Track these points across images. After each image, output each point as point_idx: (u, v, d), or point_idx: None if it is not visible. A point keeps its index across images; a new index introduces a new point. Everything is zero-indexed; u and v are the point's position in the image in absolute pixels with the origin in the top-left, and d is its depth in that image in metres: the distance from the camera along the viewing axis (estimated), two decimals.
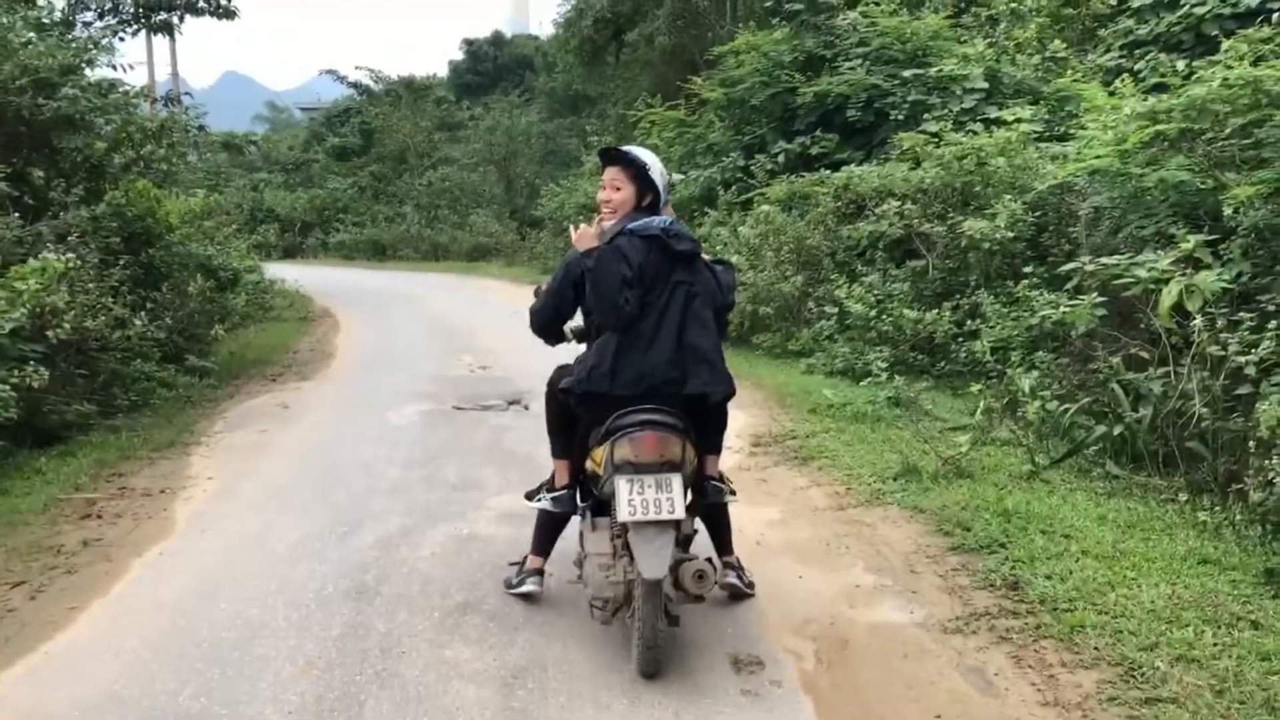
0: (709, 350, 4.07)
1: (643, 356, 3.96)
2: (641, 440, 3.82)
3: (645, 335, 3.99)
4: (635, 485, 3.76)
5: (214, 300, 11.33)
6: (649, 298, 4.02)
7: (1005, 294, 8.51)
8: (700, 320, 4.08)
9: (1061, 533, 4.92)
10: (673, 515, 3.74)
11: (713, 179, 15.18)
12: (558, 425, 4.42)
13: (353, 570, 4.91)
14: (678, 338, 4.00)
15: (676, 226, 4.12)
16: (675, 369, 3.98)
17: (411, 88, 40.26)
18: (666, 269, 4.05)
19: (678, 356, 3.99)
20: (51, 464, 6.88)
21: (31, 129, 9.11)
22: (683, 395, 3.97)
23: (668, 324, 4.00)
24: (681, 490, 3.81)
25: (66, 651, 4.15)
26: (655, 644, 3.70)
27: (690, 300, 4.07)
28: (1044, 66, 13.14)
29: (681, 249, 4.06)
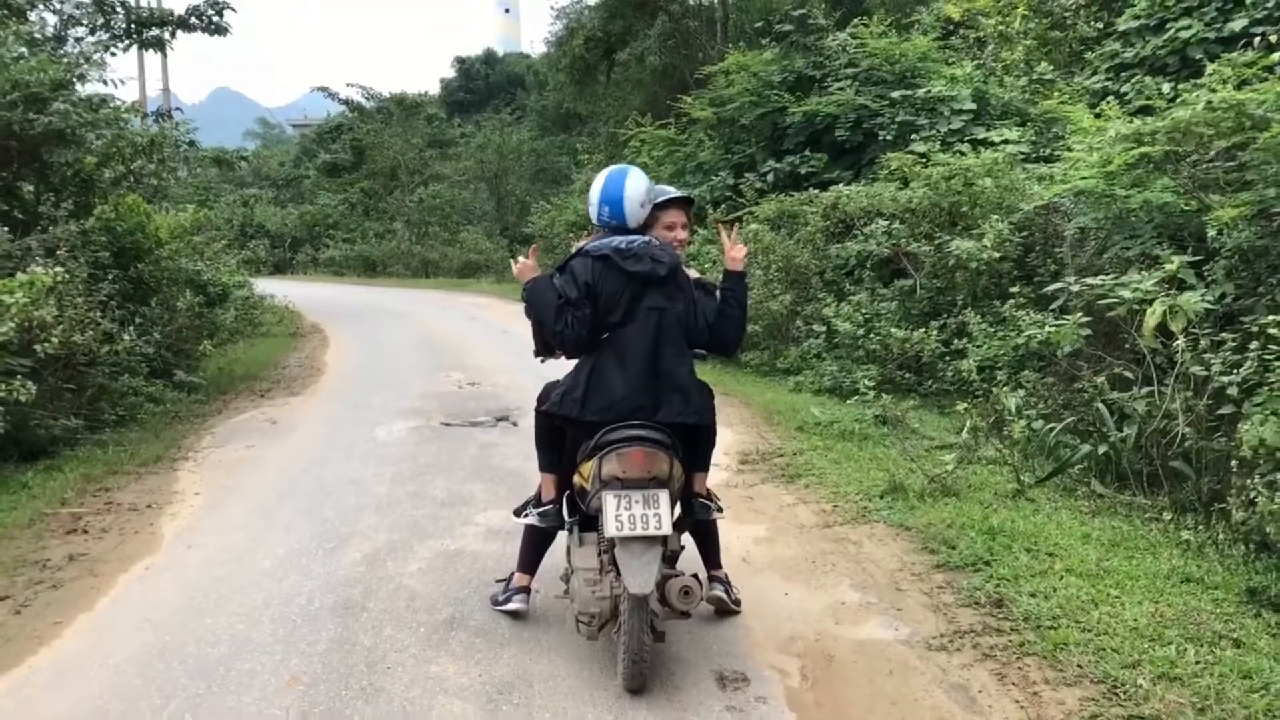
0: (683, 378, 4.08)
1: (614, 384, 3.99)
2: (629, 456, 3.83)
3: (618, 362, 4.02)
4: (623, 501, 3.79)
5: (202, 315, 11.33)
6: (614, 318, 4.05)
7: (992, 314, 8.57)
8: (674, 345, 4.09)
9: (1046, 551, 4.95)
10: (659, 531, 3.76)
11: (702, 198, 15.25)
12: (545, 441, 4.41)
13: (339, 586, 4.91)
14: (652, 365, 4.02)
15: (638, 248, 4.05)
16: (646, 397, 3.98)
17: (403, 105, 40.37)
18: (635, 291, 4.04)
19: (650, 384, 4.00)
20: (38, 478, 6.86)
21: (22, 143, 9.10)
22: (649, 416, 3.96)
23: (639, 350, 4.02)
24: (669, 506, 3.84)
25: (51, 666, 4.13)
26: (641, 659, 3.71)
27: (663, 325, 4.06)
28: (1031, 88, 13.27)
29: (635, 270, 4.02)
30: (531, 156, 35.55)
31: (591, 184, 4.24)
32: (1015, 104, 12.82)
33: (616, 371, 4.00)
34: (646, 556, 3.72)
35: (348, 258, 34.17)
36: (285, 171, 45.53)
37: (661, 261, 4.07)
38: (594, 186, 4.20)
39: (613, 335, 4.05)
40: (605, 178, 4.18)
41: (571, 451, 4.21)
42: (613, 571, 3.80)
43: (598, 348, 4.08)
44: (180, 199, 15.55)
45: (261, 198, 40.16)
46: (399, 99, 40.79)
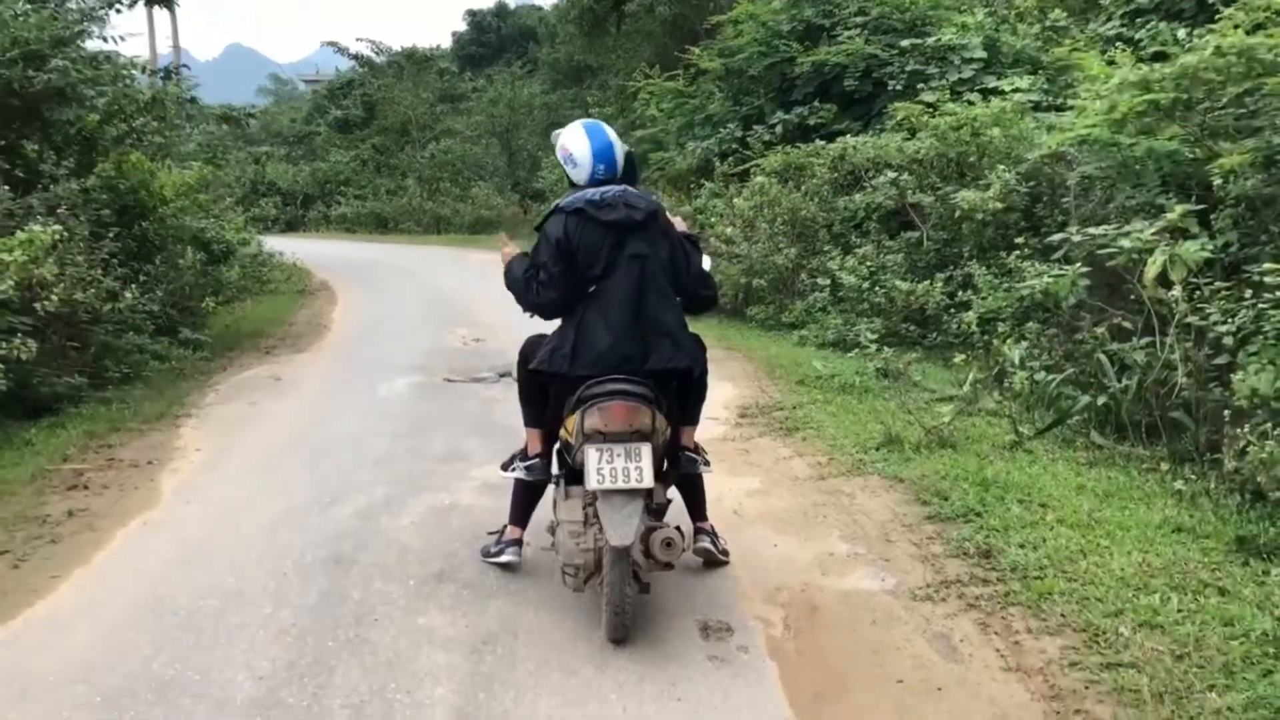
0: (670, 324, 4.05)
1: (600, 336, 3.96)
2: (610, 410, 3.81)
3: (602, 313, 3.99)
4: (604, 454, 3.78)
5: (207, 273, 11.34)
6: (596, 271, 4.01)
7: (998, 265, 8.48)
8: (659, 291, 4.05)
9: (1039, 502, 4.94)
10: (641, 484, 3.75)
11: (710, 150, 15.12)
12: (529, 395, 4.43)
13: (332, 540, 4.94)
14: (636, 312, 3.98)
15: (612, 197, 4.01)
16: (633, 346, 3.95)
17: (414, 59, 40.06)
18: (615, 240, 3.99)
19: (636, 332, 3.96)
20: (41, 435, 6.92)
21: (23, 101, 9.10)
22: (636, 368, 3.94)
23: (623, 300, 3.97)
24: (651, 460, 3.81)
25: (47, 619, 4.18)
26: (623, 610, 3.73)
27: (647, 272, 4.02)
28: (1044, 36, 13.04)
29: (611, 219, 3.97)
30: (543, 111, 35.25)
31: (567, 145, 4.17)
32: (1027, 52, 12.61)
33: (601, 323, 3.96)
34: (628, 509, 3.72)
35: (359, 214, 34.12)
36: (297, 128, 45.36)
37: (637, 207, 4.03)
38: (575, 147, 4.14)
39: (598, 288, 4.01)
40: (587, 140, 4.12)
41: (557, 406, 4.18)
42: (596, 524, 3.80)
43: (584, 301, 4.04)
44: (187, 156, 15.50)
45: (273, 155, 40.09)
46: (409, 53, 40.48)
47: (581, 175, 4.14)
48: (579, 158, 4.12)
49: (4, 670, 3.73)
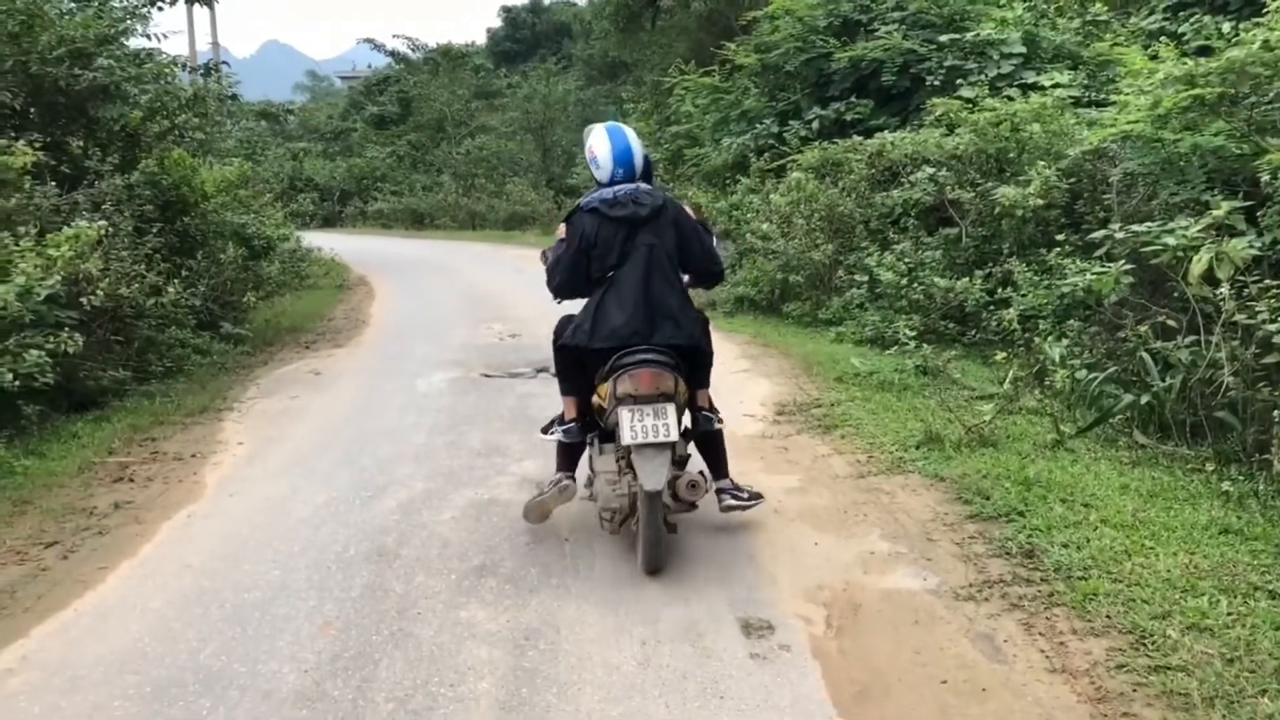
0: (672, 306, 4.59)
1: (614, 315, 4.52)
2: (640, 376, 4.38)
3: (617, 296, 4.55)
4: (636, 414, 4.34)
5: (248, 268, 11.46)
6: (612, 260, 4.59)
7: (1038, 262, 8.41)
8: (663, 276, 4.61)
9: (1082, 501, 4.89)
10: (668, 438, 4.31)
11: (746, 146, 15.06)
12: (565, 370, 4.94)
13: (374, 533, 4.99)
14: (643, 295, 4.53)
15: (622, 196, 4.62)
16: (642, 324, 4.50)
17: (449, 56, 40.28)
18: (626, 233, 4.59)
19: (644, 312, 4.51)
20: (87, 428, 7.02)
21: (69, 99, 9.23)
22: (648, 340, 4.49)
23: (632, 284, 4.54)
24: (675, 417, 4.40)
25: (95, 610, 4.25)
26: (657, 544, 4.34)
27: (653, 260, 4.59)
28: (1084, 30, 12.90)
29: (620, 215, 4.58)
30: (578, 106, 35.31)
31: (593, 147, 4.75)
32: (1067, 47, 12.47)
33: (615, 305, 4.54)
34: (658, 460, 4.29)
35: (395, 210, 34.33)
36: (334, 124, 45.70)
37: (643, 204, 4.61)
38: (599, 150, 4.71)
39: (615, 274, 4.59)
40: (608, 142, 4.70)
41: (590, 377, 4.73)
42: (630, 474, 4.39)
43: (603, 286, 4.62)
44: (227, 153, 15.67)
45: (310, 151, 40.41)
46: (445, 50, 40.70)
47: (604, 175, 4.71)
48: (601, 160, 4.71)
49: (55, 659, 3.79)
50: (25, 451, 6.37)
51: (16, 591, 4.43)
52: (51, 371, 6.55)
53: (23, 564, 4.76)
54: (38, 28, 8.91)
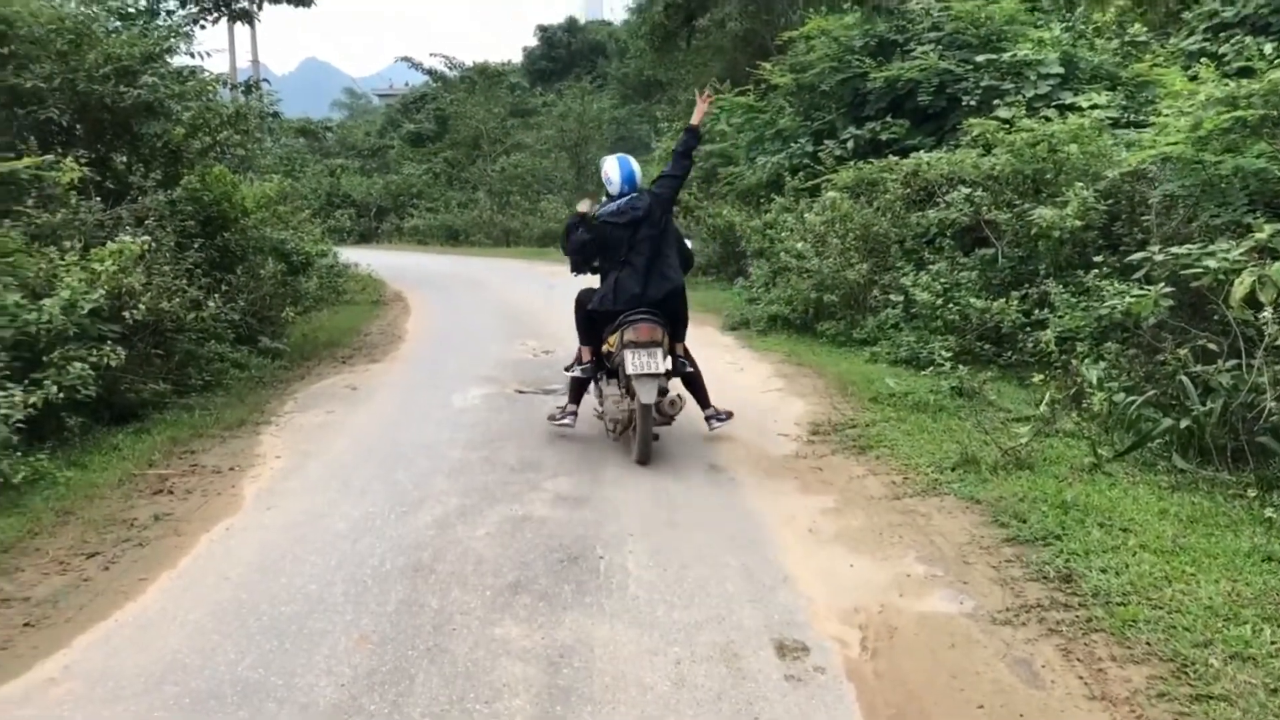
0: (671, 274, 6.75)
1: (630, 286, 6.64)
2: (640, 327, 6.48)
3: (631, 273, 6.67)
4: (636, 354, 6.38)
5: (287, 284, 11.57)
6: (622, 254, 6.72)
7: (1075, 284, 8.35)
8: (665, 254, 6.77)
9: (1120, 526, 4.84)
10: (657, 370, 6.38)
11: (780, 165, 15.10)
12: (584, 327, 7.08)
13: (410, 548, 5.02)
14: (650, 269, 6.67)
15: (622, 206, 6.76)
16: (650, 288, 6.64)
17: (486, 74, 40.62)
18: (630, 232, 6.70)
19: (650, 281, 6.65)
20: (128, 440, 7.11)
21: (114, 115, 9.39)
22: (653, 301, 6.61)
23: (641, 265, 6.66)
24: (661, 357, 6.47)
25: (135, 620, 4.31)
26: (648, 442, 6.38)
27: (655, 246, 6.72)
28: (1123, 51, 12.84)
29: (624, 221, 6.71)
30: (612, 125, 35.53)
31: (606, 171, 6.96)
32: (1105, 67, 12.41)
33: (631, 279, 6.66)
34: (650, 385, 6.32)
35: (431, 227, 34.56)
36: (371, 141, 46.13)
37: (638, 208, 6.73)
38: (611, 173, 6.90)
39: (625, 259, 6.70)
40: (619, 167, 6.89)
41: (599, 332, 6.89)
42: (629, 396, 6.48)
43: (618, 266, 6.73)
44: (266, 169, 15.86)
45: (348, 167, 40.82)
46: (481, 68, 41.04)
47: (614, 190, 6.86)
48: (613, 179, 6.88)
49: (97, 669, 3.84)
50: (68, 462, 6.47)
51: (59, 601, 4.50)
52: (94, 384, 6.65)
53: (65, 574, 4.83)
54: (85, 46, 9.08)
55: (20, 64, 8.73)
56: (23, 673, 3.83)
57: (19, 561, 4.97)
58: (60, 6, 9.64)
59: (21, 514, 5.55)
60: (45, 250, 7.28)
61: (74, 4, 9.73)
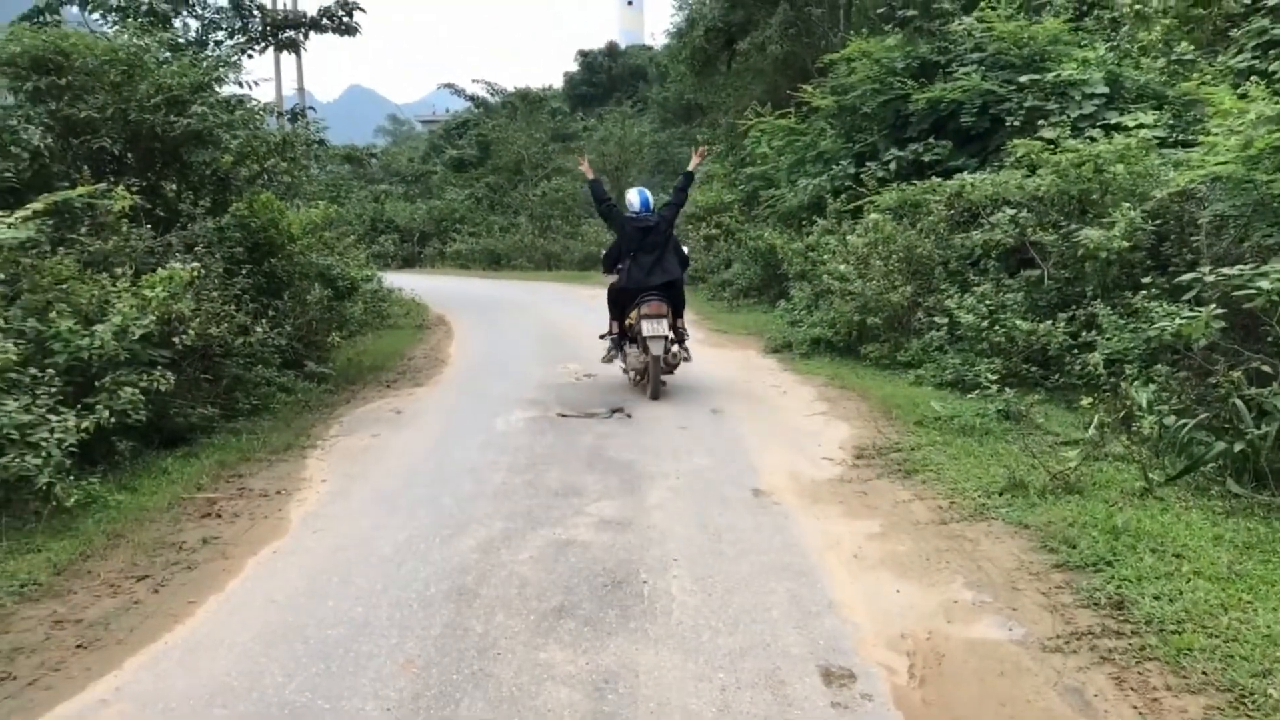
0: (673, 268, 9.66)
1: (636, 273, 9.53)
2: (652, 304, 9.29)
3: (639, 265, 9.56)
4: (649, 322, 9.21)
5: (332, 308, 11.67)
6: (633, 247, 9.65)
7: (1123, 305, 8.24)
8: (666, 258, 9.66)
9: (1173, 552, 4.76)
10: (664, 334, 9.23)
11: (822, 187, 15.07)
12: (613, 304, 10.03)
13: (454, 572, 5.04)
14: (652, 265, 9.56)
15: (639, 217, 9.77)
16: (652, 277, 9.51)
17: (527, 99, 40.98)
18: (642, 235, 9.66)
19: (656, 270, 9.53)
20: (176, 464, 7.21)
21: (164, 144, 9.57)
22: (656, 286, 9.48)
23: (646, 261, 9.56)
24: (667, 326, 9.29)
25: (185, 643, 4.36)
26: (659, 384, 9.34)
27: (660, 249, 9.66)
28: (1170, 69, 12.67)
29: (639, 226, 9.69)
30: (652, 149, 35.63)
31: (629, 198, 9.97)
32: (1152, 86, 12.26)
33: (639, 269, 9.55)
34: (658, 343, 9.18)
35: (473, 251, 34.75)
36: (414, 167, 46.58)
37: (650, 221, 9.71)
38: (633, 200, 9.92)
39: (635, 254, 9.60)
40: (639, 196, 9.95)
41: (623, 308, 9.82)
42: (645, 352, 9.30)
43: (631, 260, 9.62)
44: (312, 195, 16.03)
45: (392, 193, 41.23)
46: (523, 94, 41.42)
47: (632, 211, 9.81)
48: (634, 204, 9.85)
49: (147, 691, 3.88)
50: (118, 486, 6.57)
51: (110, 623, 4.56)
52: (144, 408, 6.76)
53: (115, 596, 4.89)
54: (137, 77, 9.26)
55: (75, 95, 8.93)
56: (76, 694, 3.88)
57: (71, 583, 5.05)
58: (114, 39, 9.86)
59: (74, 536, 5.64)
60: (98, 277, 7.41)
61: (127, 36, 9.94)
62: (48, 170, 8.89)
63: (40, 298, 6.95)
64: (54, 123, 9.00)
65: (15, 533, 5.64)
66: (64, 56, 8.87)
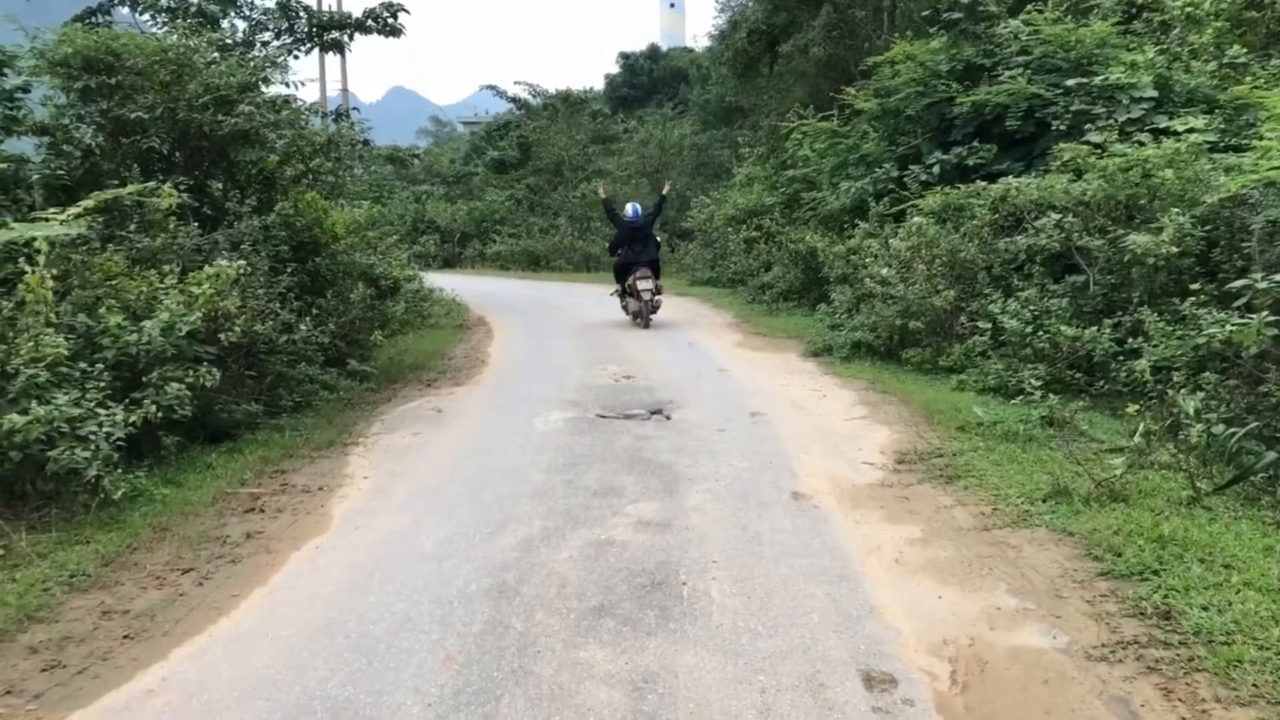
0: (652, 251, 16.25)
1: (629, 255, 16.16)
2: (641, 270, 15.82)
3: (632, 250, 16.15)
4: (641, 281, 15.65)
5: (375, 307, 11.76)
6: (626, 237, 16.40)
7: (1170, 312, 8.12)
8: (648, 248, 16.18)
9: (1222, 562, 4.68)
10: (650, 287, 15.72)
11: (864, 190, 15.00)
12: (617, 274, 16.69)
13: (494, 570, 5.06)
14: (640, 250, 16.10)
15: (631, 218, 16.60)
16: (641, 256, 16.01)
17: (568, 101, 41.05)
18: (634, 232, 16.35)
19: (643, 253, 16.08)
20: (221, 460, 7.30)
21: (211, 143, 9.70)
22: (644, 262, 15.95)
23: (638, 247, 16.14)
24: (653, 283, 15.79)
25: (229, 636, 4.41)
26: (647, 317, 15.61)
27: (644, 241, 16.26)
28: (1221, 73, 12.48)
29: (633, 226, 16.40)
30: (693, 151, 35.55)
31: (627, 208, 16.99)
32: (1202, 90, 12.06)
33: (632, 253, 16.10)
34: (648, 293, 15.63)
35: (513, 252, 34.91)
36: (455, 168, 46.84)
37: (638, 224, 16.50)
38: (628, 210, 16.86)
39: (629, 245, 16.23)
40: (632, 208, 16.91)
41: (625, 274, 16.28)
42: (638, 300, 15.67)
43: (627, 248, 16.21)
44: (356, 195, 16.21)
45: (433, 194, 41.51)
46: (564, 96, 41.49)
47: (628, 216, 16.66)
48: (629, 213, 16.75)
49: (193, 682, 3.93)
50: (164, 480, 6.66)
51: (156, 615, 4.62)
52: (190, 404, 6.84)
53: (162, 589, 4.96)
54: (186, 77, 9.40)
55: (126, 95, 9.07)
56: (124, 683, 3.94)
57: (119, 575, 5.12)
58: (164, 39, 10.01)
59: (121, 529, 5.72)
60: (146, 274, 7.53)
61: (176, 36, 10.09)
62: (98, 169, 9.05)
63: (90, 294, 7.07)
64: (105, 122, 9.16)
65: (65, 524, 5.73)
66: (115, 56, 9.00)
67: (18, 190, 8.49)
